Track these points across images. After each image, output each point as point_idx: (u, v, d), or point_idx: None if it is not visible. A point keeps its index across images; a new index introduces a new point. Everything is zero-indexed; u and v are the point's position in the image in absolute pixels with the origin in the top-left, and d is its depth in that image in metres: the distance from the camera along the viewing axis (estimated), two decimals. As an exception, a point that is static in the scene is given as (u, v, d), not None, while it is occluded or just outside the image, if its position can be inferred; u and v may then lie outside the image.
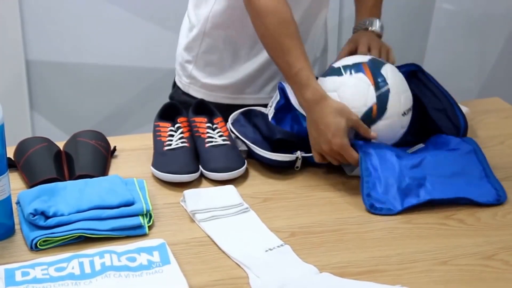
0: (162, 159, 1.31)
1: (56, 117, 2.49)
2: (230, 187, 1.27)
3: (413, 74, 1.45)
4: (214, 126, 1.38)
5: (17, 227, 1.16)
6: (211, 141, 1.34)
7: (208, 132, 1.35)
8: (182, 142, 1.34)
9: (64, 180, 1.28)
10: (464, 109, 1.45)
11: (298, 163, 1.34)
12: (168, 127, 1.36)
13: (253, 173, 1.36)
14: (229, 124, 1.41)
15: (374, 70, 1.33)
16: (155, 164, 1.32)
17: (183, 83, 1.56)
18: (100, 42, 2.46)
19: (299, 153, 1.34)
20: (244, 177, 1.34)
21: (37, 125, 2.47)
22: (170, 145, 1.33)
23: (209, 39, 1.50)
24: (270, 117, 1.40)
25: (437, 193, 1.24)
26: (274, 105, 1.41)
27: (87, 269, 1.04)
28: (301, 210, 1.24)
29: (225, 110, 1.46)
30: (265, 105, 1.46)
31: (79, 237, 1.13)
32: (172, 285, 1.02)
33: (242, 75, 1.51)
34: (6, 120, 1.12)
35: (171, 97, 1.61)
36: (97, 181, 1.23)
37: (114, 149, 1.40)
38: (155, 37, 2.39)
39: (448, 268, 1.09)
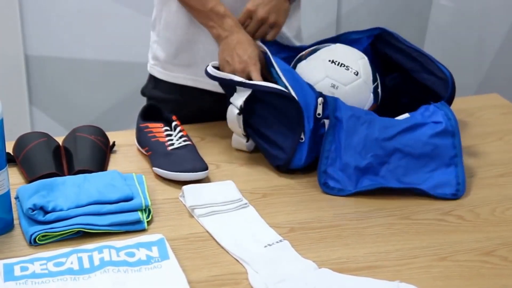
0: (169, 159, 1.30)
1: (55, 112, 2.49)
2: (229, 183, 1.27)
3: (379, 37, 1.45)
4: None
5: (16, 222, 1.16)
6: (173, 144, 1.33)
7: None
8: (184, 141, 1.33)
9: (63, 175, 1.28)
10: None
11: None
12: (161, 127, 1.36)
13: (252, 169, 1.36)
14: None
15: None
16: (162, 165, 1.30)
17: (150, 66, 1.56)
18: (100, 37, 2.46)
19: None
20: (243, 172, 1.34)
21: (36, 120, 2.47)
22: (173, 144, 1.33)
23: (166, 15, 1.49)
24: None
25: (392, 181, 1.25)
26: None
27: (86, 264, 1.04)
28: (300, 205, 1.24)
29: (187, 93, 1.48)
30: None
31: (78, 232, 1.13)
32: (171, 280, 1.02)
33: (202, 53, 1.48)
34: (5, 115, 1.12)
35: (142, 92, 1.59)
36: (96, 176, 1.23)
37: (113, 144, 1.40)
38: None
39: (447, 264, 1.09)
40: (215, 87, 1.44)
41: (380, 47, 1.46)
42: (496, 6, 2.55)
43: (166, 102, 1.52)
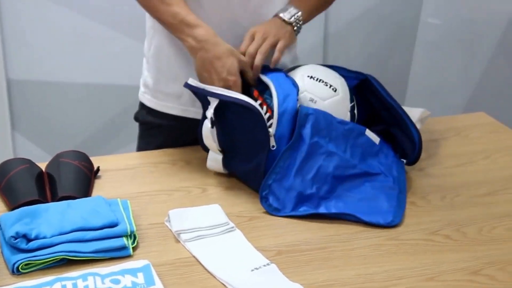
0: None
1: (38, 137, 2.47)
2: (215, 206, 1.26)
3: (364, 83, 1.45)
4: None
5: (-2, 250, 1.15)
6: None
7: None
8: None
9: (47, 201, 1.26)
10: (418, 111, 1.45)
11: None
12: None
13: (238, 192, 1.35)
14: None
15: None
16: None
17: (141, 93, 1.56)
18: (82, 60, 2.45)
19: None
20: (229, 195, 1.33)
21: (19, 146, 2.45)
22: None
23: (156, 42, 1.49)
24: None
25: (334, 208, 1.26)
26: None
27: (70, 293, 1.02)
28: (287, 228, 1.23)
29: (179, 121, 1.48)
30: None
31: (62, 259, 1.11)
32: (156, 307, 1.01)
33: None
34: (-13, 142, 1.11)
35: (135, 118, 1.59)
36: (80, 202, 1.22)
37: (98, 169, 1.39)
38: (138, 55, 2.39)
39: (434, 284, 1.08)
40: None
41: (365, 91, 1.44)
42: (483, 24, 2.57)
43: (160, 128, 1.52)
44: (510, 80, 2.57)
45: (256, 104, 1.29)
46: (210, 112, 1.31)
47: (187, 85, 1.35)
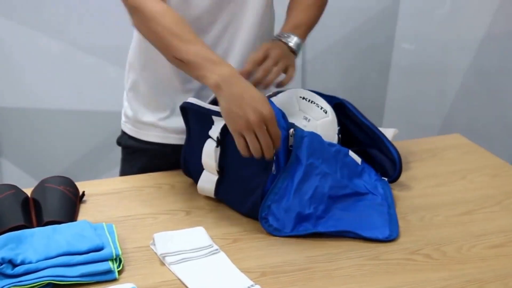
0: None
1: (24, 163, 2.47)
2: (199, 229, 1.27)
3: (339, 106, 1.48)
4: None
5: (-16, 276, 1.14)
6: None
7: None
8: None
9: (32, 227, 1.27)
10: (390, 131, 1.49)
11: None
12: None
13: (222, 214, 1.36)
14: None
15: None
16: None
17: (122, 122, 1.59)
18: (66, 87, 2.46)
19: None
20: (213, 218, 1.34)
21: (5, 172, 2.44)
22: None
23: (132, 77, 1.52)
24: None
25: (332, 226, 1.28)
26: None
27: (57, 317, 1.03)
28: (271, 249, 1.25)
29: (160, 146, 1.50)
30: None
31: (48, 284, 1.11)
32: (143, 329, 1.01)
33: (167, 113, 1.50)
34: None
35: (118, 142, 1.61)
36: (65, 227, 1.22)
37: (83, 194, 1.40)
38: (121, 81, 2.41)
39: (416, 303, 1.10)
40: (183, 141, 1.44)
41: (340, 114, 1.47)
42: (455, 47, 2.63)
43: (143, 151, 1.54)
44: (483, 101, 2.63)
45: None
46: (216, 131, 1.30)
47: (189, 104, 1.35)
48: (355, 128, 1.48)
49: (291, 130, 1.30)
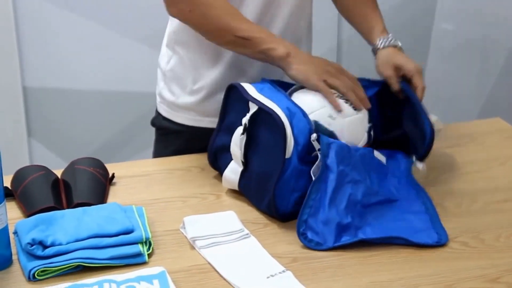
0: None
1: (54, 144, 2.49)
2: (230, 213, 1.26)
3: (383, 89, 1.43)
4: None
5: (14, 257, 1.15)
6: None
7: None
8: None
9: (62, 208, 1.27)
10: (433, 117, 1.43)
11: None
12: None
13: (253, 198, 1.35)
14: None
15: None
16: None
17: (157, 102, 1.57)
18: (98, 67, 2.47)
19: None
20: (244, 202, 1.33)
21: (35, 153, 2.47)
22: None
23: (174, 55, 1.50)
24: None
25: (373, 233, 1.21)
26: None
27: (86, 299, 1.03)
28: (303, 234, 1.23)
29: (195, 129, 1.49)
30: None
31: (78, 266, 1.11)
32: (172, 314, 1.01)
33: (203, 95, 1.48)
34: (3, 148, 1.12)
35: (152, 123, 1.60)
36: (95, 209, 1.22)
37: (113, 176, 1.40)
38: (154, 62, 2.41)
39: (452, 292, 1.07)
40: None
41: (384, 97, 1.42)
42: (497, 29, 2.56)
43: (177, 133, 1.53)
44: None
45: (288, 126, 1.23)
46: (245, 118, 1.28)
47: (237, 84, 1.32)
48: (399, 107, 1.41)
49: (314, 135, 1.23)
